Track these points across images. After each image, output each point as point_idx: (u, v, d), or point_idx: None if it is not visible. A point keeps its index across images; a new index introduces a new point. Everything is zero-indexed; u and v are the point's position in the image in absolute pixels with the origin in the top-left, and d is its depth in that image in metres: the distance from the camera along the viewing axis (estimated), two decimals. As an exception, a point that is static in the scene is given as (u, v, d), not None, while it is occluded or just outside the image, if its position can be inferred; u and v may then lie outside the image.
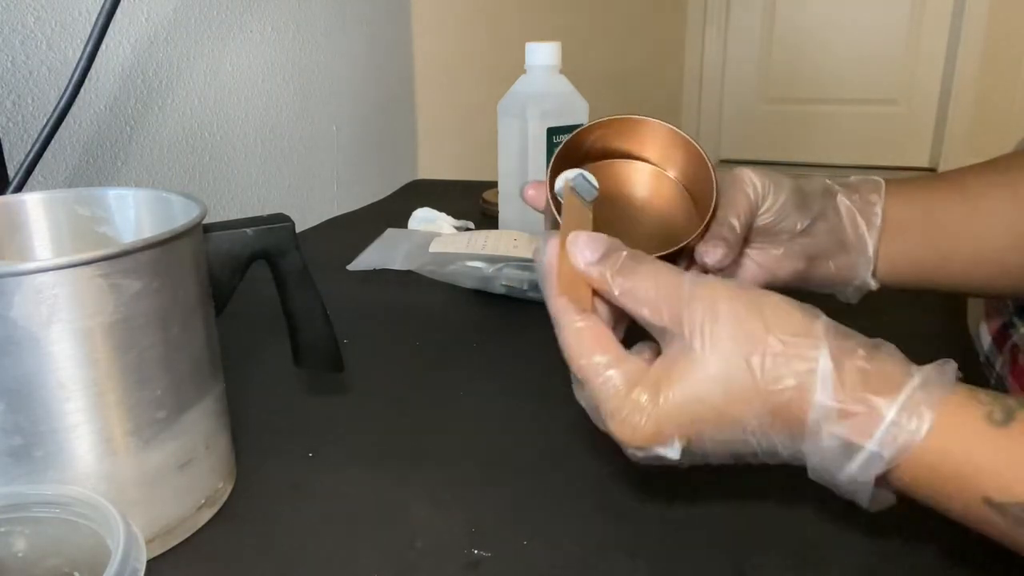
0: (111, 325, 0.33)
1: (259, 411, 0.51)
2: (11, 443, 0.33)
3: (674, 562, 0.37)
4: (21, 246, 0.43)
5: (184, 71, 0.79)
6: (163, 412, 0.36)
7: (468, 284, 0.71)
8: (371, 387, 0.55)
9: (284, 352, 0.46)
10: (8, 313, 0.31)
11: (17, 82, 0.62)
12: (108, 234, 0.44)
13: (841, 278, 0.47)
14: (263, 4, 0.88)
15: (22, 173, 0.48)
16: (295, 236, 0.43)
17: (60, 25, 0.65)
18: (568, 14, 1.95)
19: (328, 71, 1.02)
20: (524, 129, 0.82)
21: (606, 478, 0.43)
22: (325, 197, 1.05)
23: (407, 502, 0.42)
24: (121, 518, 0.29)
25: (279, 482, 0.44)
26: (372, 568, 0.37)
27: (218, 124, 0.84)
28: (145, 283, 0.34)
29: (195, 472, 0.39)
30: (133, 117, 0.73)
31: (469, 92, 1.41)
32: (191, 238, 0.37)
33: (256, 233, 0.42)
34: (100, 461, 0.35)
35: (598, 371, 0.32)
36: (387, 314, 0.69)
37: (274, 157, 0.94)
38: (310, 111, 0.99)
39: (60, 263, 0.31)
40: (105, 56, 0.69)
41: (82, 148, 0.69)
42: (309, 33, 0.97)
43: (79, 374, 0.33)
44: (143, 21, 0.73)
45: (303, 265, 0.44)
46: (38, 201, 0.43)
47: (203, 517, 0.40)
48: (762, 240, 0.45)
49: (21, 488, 0.32)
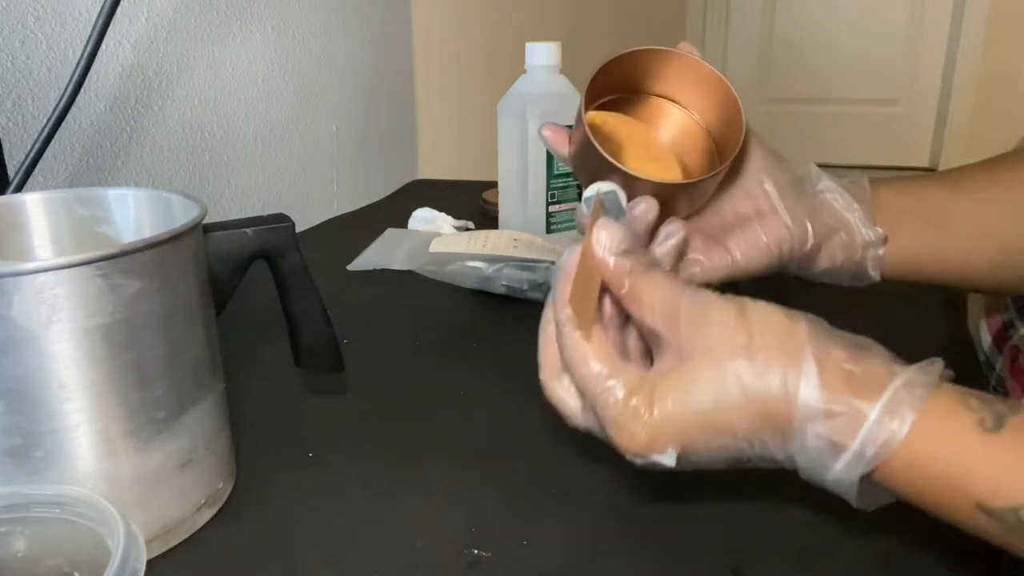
0: (111, 325, 0.33)
1: (259, 411, 0.51)
2: (11, 443, 0.33)
3: (674, 562, 0.37)
4: (21, 246, 0.43)
5: (184, 71, 0.79)
6: (163, 412, 0.36)
7: (468, 284, 0.71)
8: (371, 387, 0.55)
9: (284, 352, 0.46)
10: (8, 313, 0.31)
11: (17, 82, 0.62)
12: (108, 234, 0.44)
13: (835, 263, 0.46)
14: (263, 4, 0.88)
15: (22, 173, 0.48)
16: (295, 236, 0.43)
17: (60, 25, 0.65)
18: (568, 14, 1.95)
19: (328, 71, 1.02)
20: (524, 129, 0.82)
21: (607, 478, 0.43)
22: (325, 197, 1.05)
23: (407, 502, 0.42)
24: (121, 518, 0.29)
25: (279, 482, 0.44)
26: (372, 568, 0.37)
27: (218, 124, 0.84)
28: (145, 283, 0.34)
29: (195, 472, 0.39)
30: (133, 117, 0.73)
31: (469, 92, 1.41)
32: (191, 238, 0.37)
33: (256, 233, 0.42)
34: (100, 461, 0.35)
35: (599, 381, 0.33)
36: (387, 314, 0.69)
37: (274, 157, 0.94)
38: (310, 111, 0.99)
39: (60, 263, 0.31)
40: (105, 56, 0.69)
41: (82, 148, 0.69)
42: (309, 33, 0.97)
43: (79, 374, 0.33)
44: (143, 21, 0.73)
45: (303, 265, 0.44)
46: (38, 201, 0.43)
47: (203, 517, 0.40)
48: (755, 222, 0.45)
49: (21, 488, 0.32)
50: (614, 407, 0.32)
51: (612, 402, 0.32)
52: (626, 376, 0.33)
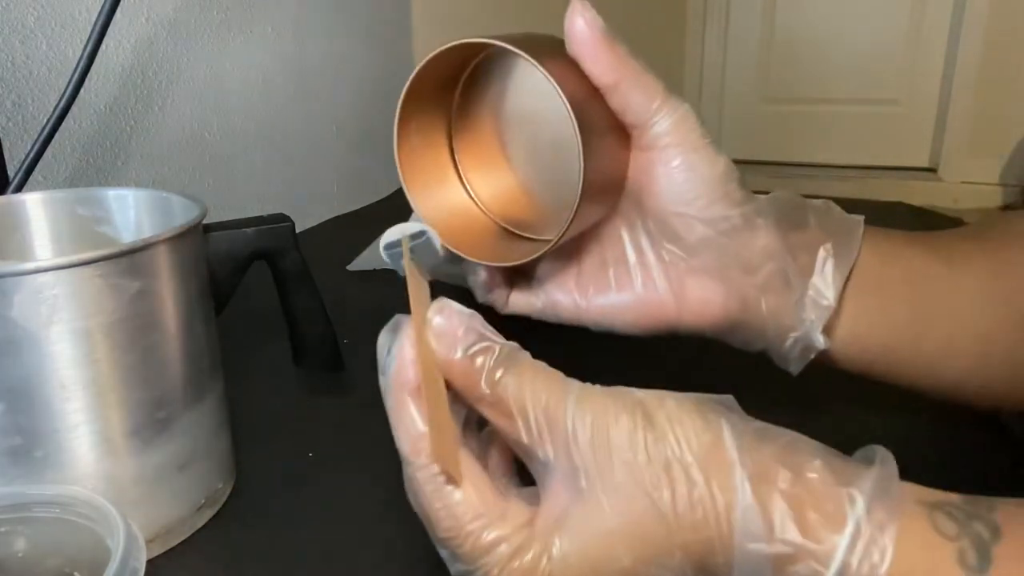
0: (111, 325, 0.33)
1: (259, 411, 0.51)
2: (11, 443, 0.33)
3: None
4: (21, 246, 0.43)
5: (184, 71, 0.79)
6: (163, 412, 0.36)
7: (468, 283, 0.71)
8: (371, 387, 0.55)
9: (284, 352, 0.46)
10: (8, 313, 0.31)
11: (17, 82, 0.62)
12: (108, 234, 0.44)
13: (778, 326, 0.35)
14: (263, 4, 0.88)
15: (22, 173, 0.48)
16: (295, 236, 0.43)
17: (60, 25, 0.65)
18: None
19: (328, 71, 1.02)
20: (524, 129, 0.81)
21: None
22: (325, 197, 1.05)
23: (408, 502, 0.42)
24: (121, 518, 0.29)
25: (279, 483, 0.44)
26: (373, 568, 0.37)
27: (218, 124, 0.84)
28: (145, 283, 0.34)
29: (195, 472, 0.39)
30: (133, 117, 0.73)
31: (469, 92, 1.41)
32: (191, 238, 0.37)
33: (256, 233, 0.42)
34: (100, 461, 0.35)
35: (476, 541, 0.25)
36: (387, 314, 0.69)
37: (274, 157, 0.94)
38: (310, 111, 0.99)
39: (60, 263, 0.31)
40: (105, 56, 0.69)
41: (82, 148, 0.68)
42: (309, 33, 0.97)
43: (79, 374, 0.33)
44: (143, 21, 0.73)
45: (303, 265, 0.44)
46: (38, 201, 0.43)
47: (203, 517, 0.40)
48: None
49: (21, 488, 0.32)
50: (505, 571, 0.25)
51: (496, 562, 0.25)
52: (510, 524, 0.25)
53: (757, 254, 0.34)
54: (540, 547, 0.25)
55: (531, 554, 0.24)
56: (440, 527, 0.26)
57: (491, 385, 0.25)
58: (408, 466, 0.26)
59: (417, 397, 0.26)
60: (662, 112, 0.33)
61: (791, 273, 0.34)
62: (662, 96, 0.33)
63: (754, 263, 0.34)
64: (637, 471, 0.24)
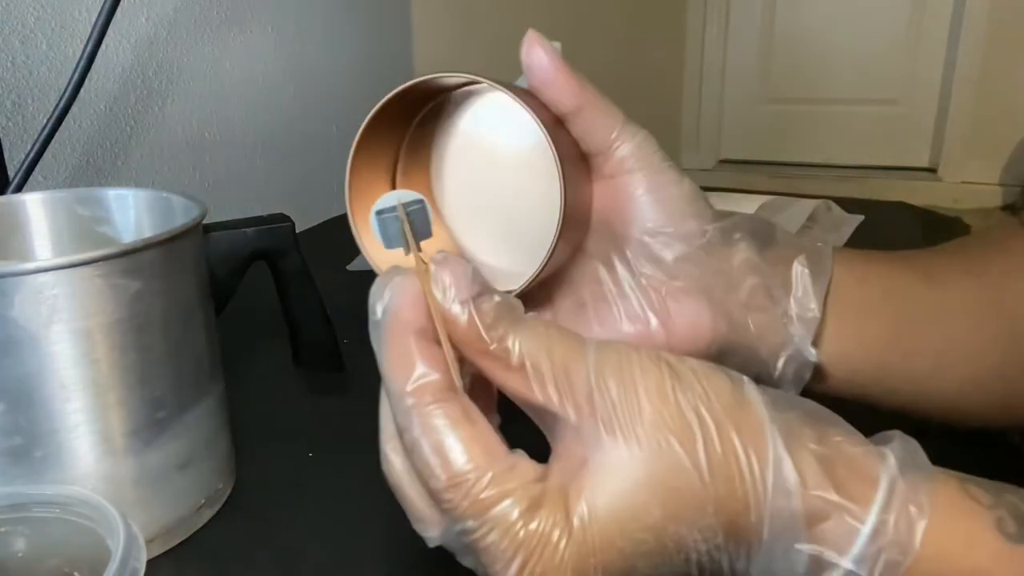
0: (111, 325, 0.33)
1: (259, 411, 0.51)
2: (11, 443, 0.33)
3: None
4: (21, 246, 0.43)
5: (184, 71, 0.79)
6: (163, 412, 0.36)
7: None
8: (371, 387, 0.55)
9: (284, 352, 0.46)
10: (8, 313, 0.31)
11: (17, 82, 0.62)
12: (108, 234, 0.44)
13: (768, 346, 0.33)
14: (263, 4, 0.88)
15: (22, 173, 0.48)
16: (295, 236, 0.43)
17: (60, 25, 0.65)
18: (568, 14, 1.95)
19: (328, 71, 1.02)
20: (524, 129, 0.81)
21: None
22: (325, 197, 1.05)
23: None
24: (121, 518, 0.29)
25: (279, 482, 0.44)
26: (373, 568, 0.37)
27: (218, 124, 0.84)
28: (145, 283, 0.34)
29: (195, 472, 0.39)
30: (133, 117, 0.73)
31: (469, 92, 1.41)
32: (191, 238, 0.37)
33: (256, 233, 0.42)
34: (100, 461, 0.35)
35: (482, 491, 0.23)
36: (387, 314, 0.69)
37: (274, 157, 0.94)
38: (310, 111, 0.99)
39: (60, 263, 0.31)
40: (105, 56, 0.69)
41: (82, 148, 0.68)
42: (309, 33, 0.97)
43: (79, 374, 0.33)
44: (143, 21, 0.73)
45: (303, 265, 0.44)
46: (38, 201, 0.43)
47: (203, 517, 0.40)
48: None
49: (21, 488, 0.32)
50: (509, 534, 0.22)
51: (507, 528, 0.22)
52: (520, 483, 0.23)
53: (737, 268, 0.33)
54: (556, 505, 0.23)
55: (545, 513, 0.22)
56: (446, 469, 0.23)
57: (498, 339, 0.24)
58: (401, 401, 0.24)
59: (420, 337, 0.25)
60: (623, 136, 0.33)
61: (773, 287, 0.33)
62: (622, 121, 0.33)
63: (735, 278, 0.33)
64: (668, 420, 0.23)
